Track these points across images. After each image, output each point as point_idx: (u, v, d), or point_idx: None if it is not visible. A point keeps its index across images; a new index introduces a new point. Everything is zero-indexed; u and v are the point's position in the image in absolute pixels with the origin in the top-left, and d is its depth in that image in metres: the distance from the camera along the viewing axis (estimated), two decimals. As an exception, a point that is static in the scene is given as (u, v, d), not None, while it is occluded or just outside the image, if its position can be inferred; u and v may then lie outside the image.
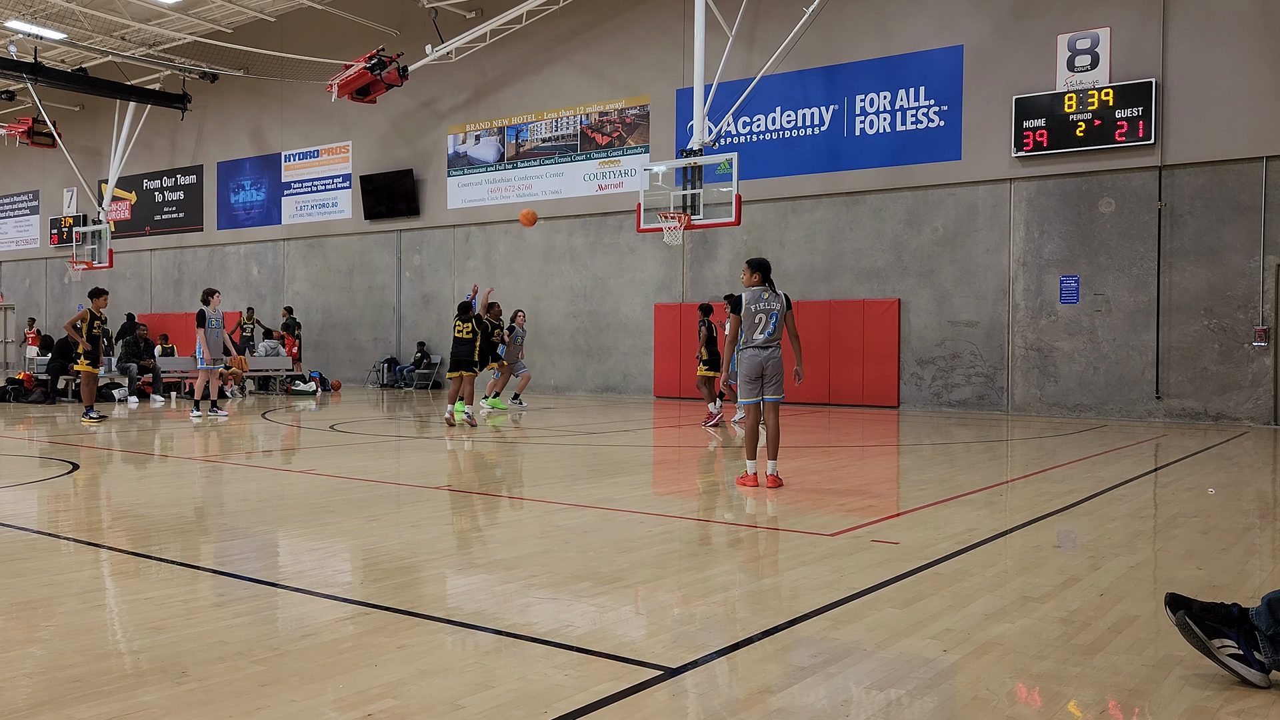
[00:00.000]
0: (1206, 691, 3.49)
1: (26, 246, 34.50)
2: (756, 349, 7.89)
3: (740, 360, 7.98)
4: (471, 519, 6.85)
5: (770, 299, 7.89)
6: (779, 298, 7.92)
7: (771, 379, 7.91)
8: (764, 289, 7.90)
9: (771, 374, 7.90)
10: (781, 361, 7.97)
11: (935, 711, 3.30)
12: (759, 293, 7.89)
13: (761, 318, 7.84)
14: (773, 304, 7.88)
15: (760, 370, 7.88)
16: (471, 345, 13.18)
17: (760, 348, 7.87)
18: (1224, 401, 15.09)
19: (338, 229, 25.95)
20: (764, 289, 7.90)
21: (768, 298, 7.88)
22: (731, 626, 4.25)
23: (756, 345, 7.89)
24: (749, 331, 7.90)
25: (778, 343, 7.93)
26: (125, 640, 4.02)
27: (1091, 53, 15.97)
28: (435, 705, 3.25)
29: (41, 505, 7.55)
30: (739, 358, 8.00)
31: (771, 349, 7.89)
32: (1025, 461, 10.59)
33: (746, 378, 7.93)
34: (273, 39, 25.76)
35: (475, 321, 13.41)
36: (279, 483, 8.80)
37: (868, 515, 6.97)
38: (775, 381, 7.92)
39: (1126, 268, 15.82)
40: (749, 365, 7.89)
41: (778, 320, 7.87)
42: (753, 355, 7.89)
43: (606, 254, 21.35)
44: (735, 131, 19.38)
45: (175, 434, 13.11)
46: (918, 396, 17.71)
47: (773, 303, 7.88)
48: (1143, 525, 6.79)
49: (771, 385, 7.92)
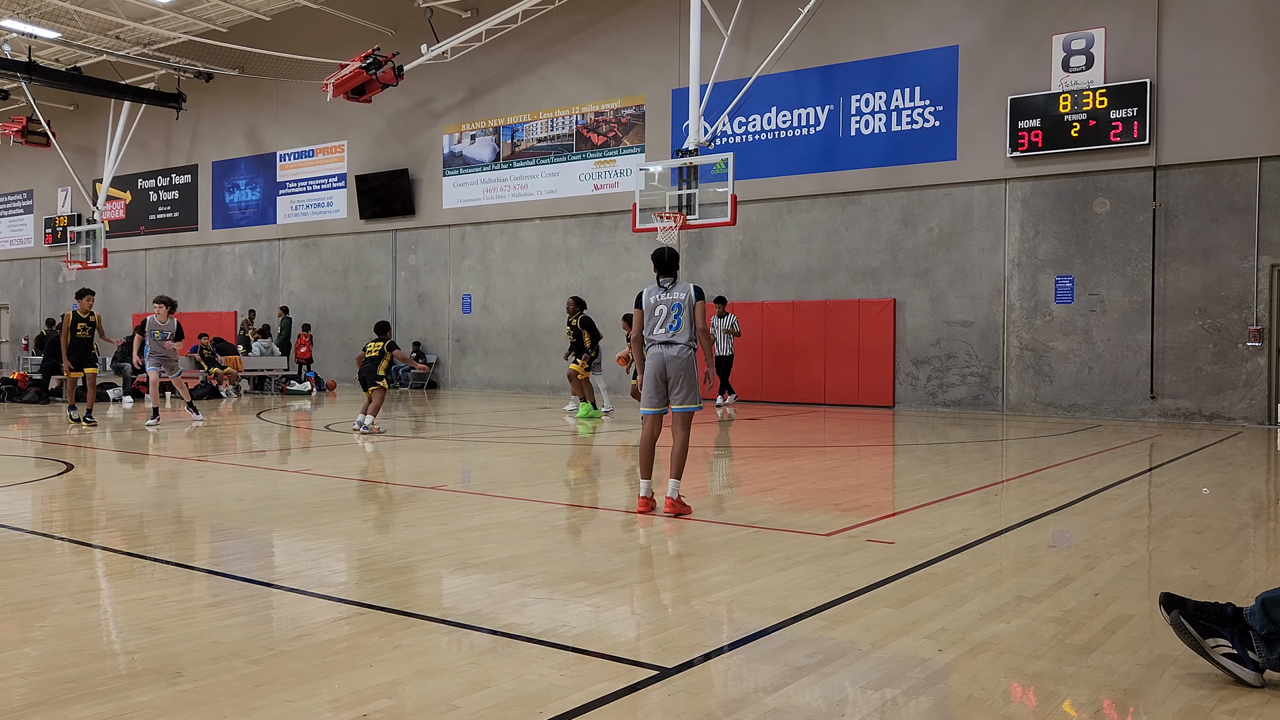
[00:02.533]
0: (1201, 691, 3.50)
1: (21, 246, 34.41)
2: (658, 346, 6.94)
3: (647, 360, 7.06)
4: (467, 519, 6.85)
5: (671, 290, 6.96)
6: (683, 288, 6.96)
7: (677, 384, 6.87)
8: (665, 282, 6.98)
9: (676, 377, 6.87)
10: (691, 363, 6.91)
11: (930, 711, 3.30)
12: (656, 287, 7.03)
13: (662, 309, 6.93)
14: (676, 295, 6.93)
15: (661, 372, 6.90)
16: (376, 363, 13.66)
17: (663, 344, 6.91)
18: (1218, 401, 15.13)
19: (333, 229, 25.92)
20: (665, 282, 6.98)
21: (668, 288, 6.96)
22: (727, 626, 4.25)
23: (657, 342, 6.95)
24: (649, 326, 6.99)
25: (686, 343, 6.89)
26: (120, 640, 4.01)
27: (1086, 53, 16.00)
28: (431, 705, 3.25)
29: (36, 505, 7.54)
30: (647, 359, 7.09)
31: (678, 348, 6.87)
32: (1020, 461, 10.61)
33: (647, 380, 6.99)
34: (268, 38, 25.71)
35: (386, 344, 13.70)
36: (274, 483, 8.79)
37: (863, 515, 6.98)
38: (682, 388, 6.87)
39: (1121, 268, 15.86)
40: (649, 367, 6.96)
41: (681, 314, 6.88)
42: (653, 354, 6.96)
43: (602, 254, 21.35)
44: (731, 131, 19.39)
45: (170, 434, 13.08)
46: (913, 396, 17.73)
47: (676, 294, 6.93)
48: (1137, 525, 6.81)
49: (679, 392, 6.88)
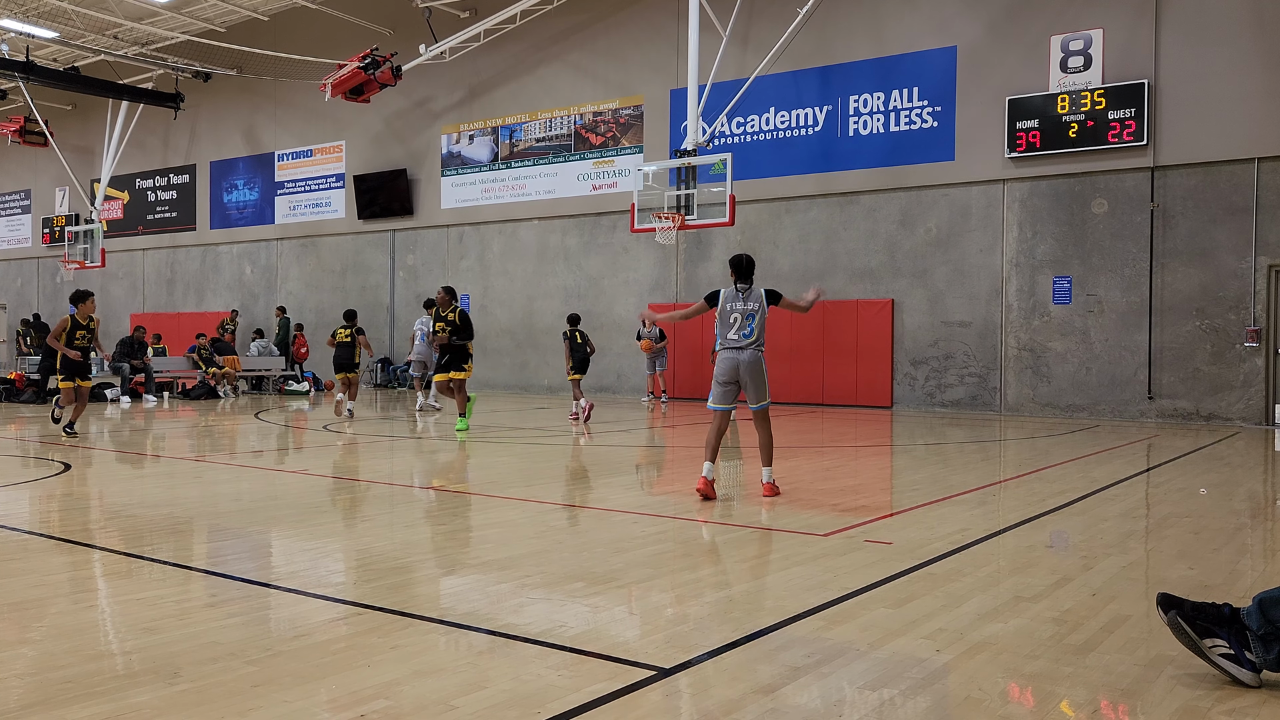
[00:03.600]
0: (1198, 691, 3.50)
1: (18, 246, 34.39)
2: (731, 350, 7.46)
3: (718, 361, 7.59)
4: (465, 519, 6.85)
5: (747, 299, 7.44)
6: (757, 297, 7.44)
7: (749, 384, 7.44)
8: (741, 288, 7.49)
9: (747, 379, 7.43)
10: (761, 364, 7.47)
11: (928, 711, 3.30)
12: (734, 292, 7.50)
13: (736, 316, 7.42)
14: (750, 304, 7.42)
15: (734, 373, 7.43)
16: (352, 350, 15.28)
17: (735, 348, 7.43)
18: (1216, 402, 15.14)
19: (331, 229, 25.91)
20: (741, 288, 7.49)
21: (744, 295, 7.45)
22: (725, 627, 4.25)
23: (730, 346, 7.46)
24: (722, 330, 7.50)
25: (757, 346, 7.45)
26: (117, 641, 4.01)
27: (1084, 54, 16.02)
28: (428, 706, 3.25)
29: (33, 505, 7.53)
30: (717, 360, 7.60)
31: (749, 352, 7.41)
32: (1018, 462, 10.62)
33: (718, 380, 7.52)
34: (266, 38, 25.70)
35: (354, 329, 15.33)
36: (271, 483, 8.79)
37: (861, 515, 6.98)
38: (755, 388, 7.44)
39: (1119, 268, 15.87)
40: (722, 367, 7.48)
41: (754, 320, 7.42)
42: (727, 357, 7.47)
43: (600, 254, 21.35)
44: (729, 132, 19.40)
45: (168, 434, 13.08)
46: (911, 397, 17.74)
47: (749, 302, 7.43)
48: (1135, 525, 6.81)
49: (752, 392, 7.46)
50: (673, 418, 16.05)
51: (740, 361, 7.39)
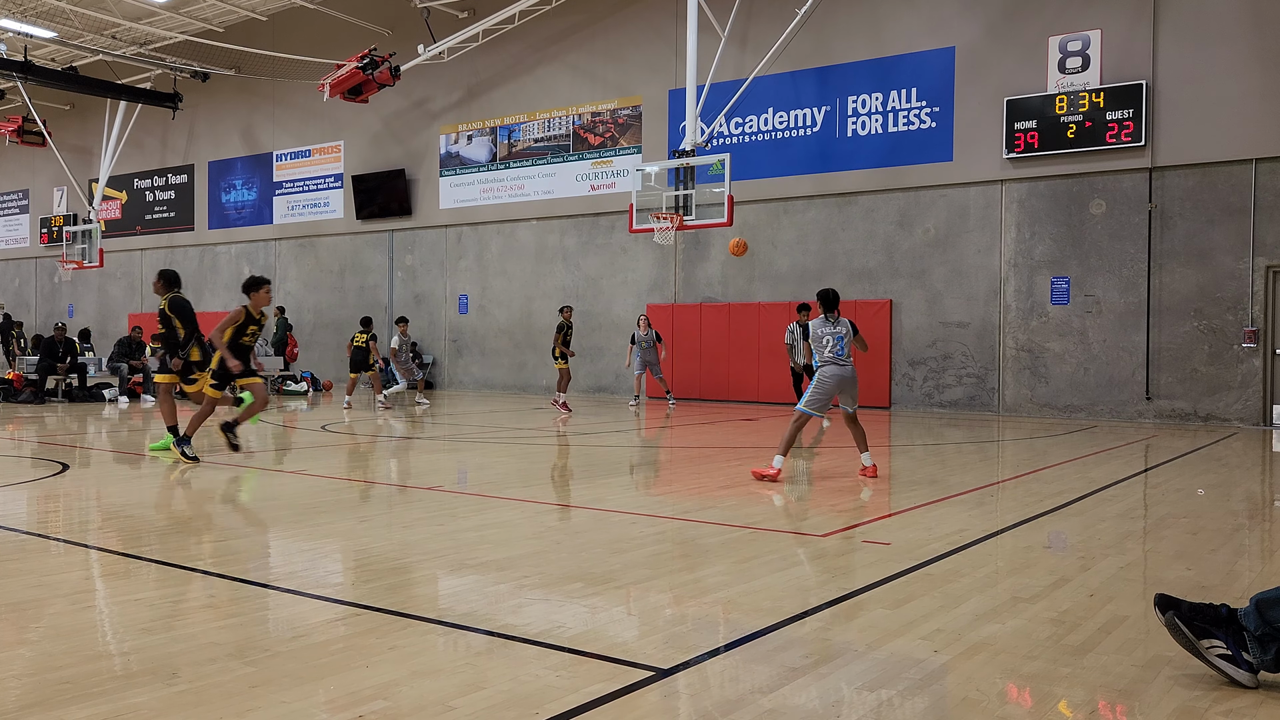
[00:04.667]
0: (1195, 691, 3.51)
1: (16, 246, 34.35)
2: (835, 365, 8.91)
3: (823, 374, 8.94)
4: (463, 519, 6.85)
5: (836, 325, 9.01)
6: (844, 324, 9.05)
7: (849, 391, 9.00)
8: (830, 316, 8.98)
9: (849, 387, 8.99)
10: (855, 375, 9.05)
11: (926, 712, 3.31)
12: (823, 320, 9.06)
13: (829, 339, 8.93)
14: (839, 329, 9.03)
15: (839, 383, 8.91)
16: (365, 352, 17.55)
17: (839, 364, 8.92)
18: (1214, 403, 15.15)
19: (329, 229, 25.90)
20: (830, 316, 8.98)
21: (833, 321, 9.03)
22: (723, 627, 4.25)
23: (833, 362, 8.91)
24: (819, 351, 9.00)
25: (850, 360, 9.01)
26: (115, 641, 4.00)
27: (1082, 54, 16.03)
28: (427, 706, 3.25)
29: (31, 506, 7.52)
30: (820, 374, 8.97)
31: (848, 367, 8.95)
32: (1016, 462, 10.62)
33: (826, 389, 8.90)
34: (264, 38, 25.69)
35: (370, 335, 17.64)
36: (270, 483, 8.78)
37: (859, 516, 6.99)
38: (848, 393, 9.00)
39: (1117, 269, 15.88)
40: (832, 379, 8.88)
41: (845, 341, 8.98)
42: (832, 372, 8.89)
43: (599, 254, 21.35)
44: (727, 132, 19.40)
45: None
46: (909, 397, 17.75)
47: (838, 327, 9.03)
48: (1133, 526, 6.82)
49: (846, 396, 9.01)
50: (674, 418, 16.05)
51: (845, 374, 8.92)
